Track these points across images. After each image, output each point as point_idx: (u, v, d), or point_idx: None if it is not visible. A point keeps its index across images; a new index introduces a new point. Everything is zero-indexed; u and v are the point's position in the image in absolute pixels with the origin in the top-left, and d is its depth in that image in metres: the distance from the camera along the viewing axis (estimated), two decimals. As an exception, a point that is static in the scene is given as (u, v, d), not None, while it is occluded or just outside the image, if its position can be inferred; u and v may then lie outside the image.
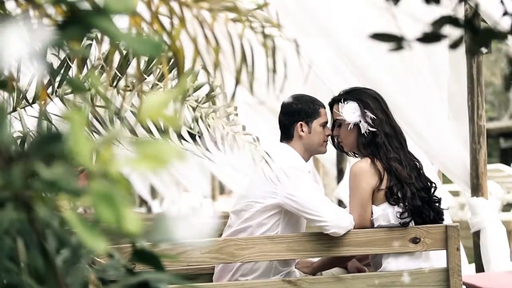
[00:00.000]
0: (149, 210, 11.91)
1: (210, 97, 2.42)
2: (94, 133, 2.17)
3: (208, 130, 2.37)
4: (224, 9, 1.38)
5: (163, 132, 2.14)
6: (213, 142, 2.36)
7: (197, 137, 2.33)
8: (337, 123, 3.23)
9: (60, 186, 0.84)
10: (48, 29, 0.88)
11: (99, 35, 1.74)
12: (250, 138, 2.53)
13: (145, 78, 2.20)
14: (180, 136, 2.24)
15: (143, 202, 12.87)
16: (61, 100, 2.28)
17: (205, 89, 2.41)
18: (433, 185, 3.12)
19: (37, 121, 2.05)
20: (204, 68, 1.48)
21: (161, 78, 2.29)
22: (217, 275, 3.18)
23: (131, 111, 2.21)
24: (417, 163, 3.14)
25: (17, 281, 0.92)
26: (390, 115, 3.17)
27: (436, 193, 3.11)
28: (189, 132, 2.30)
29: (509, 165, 10.10)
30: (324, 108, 3.27)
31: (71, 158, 0.84)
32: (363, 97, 3.16)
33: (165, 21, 1.41)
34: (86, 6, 0.93)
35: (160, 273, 1.01)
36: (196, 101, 2.38)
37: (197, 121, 2.35)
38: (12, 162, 0.86)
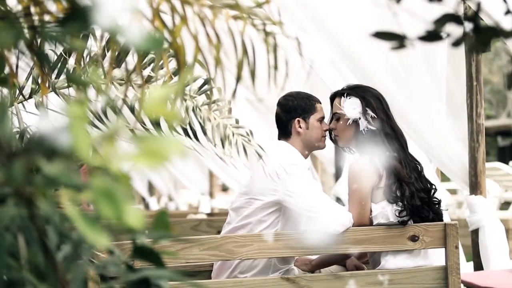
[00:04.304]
0: (146, 207, 11.90)
1: (203, 90, 2.41)
2: (90, 126, 2.16)
3: (199, 121, 2.36)
4: (225, 7, 1.38)
5: (157, 125, 2.13)
6: (208, 139, 2.36)
7: (190, 133, 2.32)
8: (336, 117, 3.22)
9: (61, 182, 0.84)
10: None
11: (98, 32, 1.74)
12: (243, 131, 2.52)
13: (142, 71, 2.20)
14: (172, 128, 2.23)
15: (140, 199, 12.86)
16: (56, 92, 2.28)
17: (199, 81, 2.40)
18: (433, 187, 3.11)
19: (38, 117, 2.04)
20: (199, 61, 1.48)
21: (157, 69, 2.28)
22: (216, 272, 3.17)
23: (125, 103, 2.20)
24: (418, 165, 3.13)
25: (18, 277, 0.92)
26: (392, 117, 3.16)
27: (436, 195, 3.10)
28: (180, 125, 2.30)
29: (506, 163, 10.12)
30: (320, 103, 3.27)
31: (72, 153, 0.83)
32: (367, 95, 3.16)
33: (166, 19, 1.41)
34: (86, 2, 0.93)
35: (160, 270, 1.01)
36: (189, 94, 2.37)
37: (187, 112, 2.34)
38: (14, 158, 0.86)
